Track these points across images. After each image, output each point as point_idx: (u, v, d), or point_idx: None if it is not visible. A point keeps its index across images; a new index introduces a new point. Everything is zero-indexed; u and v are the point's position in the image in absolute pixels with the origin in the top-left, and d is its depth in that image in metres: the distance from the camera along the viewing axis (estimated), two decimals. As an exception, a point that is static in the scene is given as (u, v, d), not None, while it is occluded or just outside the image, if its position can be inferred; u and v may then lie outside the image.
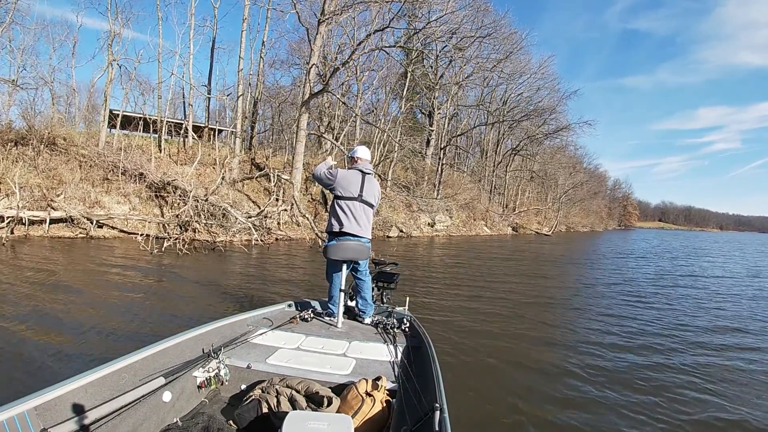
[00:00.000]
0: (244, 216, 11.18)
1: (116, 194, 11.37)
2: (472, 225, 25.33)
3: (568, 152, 41.18)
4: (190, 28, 16.44)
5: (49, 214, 9.59)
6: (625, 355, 3.83)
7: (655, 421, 2.63)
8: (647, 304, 6.26)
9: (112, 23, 14.18)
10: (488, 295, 6.48)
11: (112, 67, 14.03)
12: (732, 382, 3.34)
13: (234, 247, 9.90)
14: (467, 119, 30.58)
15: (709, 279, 9.82)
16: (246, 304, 4.74)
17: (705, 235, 65.02)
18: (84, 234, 9.84)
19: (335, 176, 2.87)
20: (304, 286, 6.24)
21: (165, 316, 4.23)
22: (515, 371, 3.36)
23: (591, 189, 51.33)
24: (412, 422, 1.50)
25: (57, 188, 10.48)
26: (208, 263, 7.83)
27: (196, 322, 2.85)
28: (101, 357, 2.83)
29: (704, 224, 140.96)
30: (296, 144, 14.50)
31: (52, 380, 1.48)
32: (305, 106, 14.26)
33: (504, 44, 25.69)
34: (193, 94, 16.80)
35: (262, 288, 5.92)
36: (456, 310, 5.33)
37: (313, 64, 14.12)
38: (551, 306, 6.03)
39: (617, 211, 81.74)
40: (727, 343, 4.38)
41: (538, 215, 37.23)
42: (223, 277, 6.62)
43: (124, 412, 1.49)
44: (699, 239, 41.82)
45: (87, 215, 9.95)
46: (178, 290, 5.48)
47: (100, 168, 11.67)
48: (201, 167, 14.16)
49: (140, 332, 3.63)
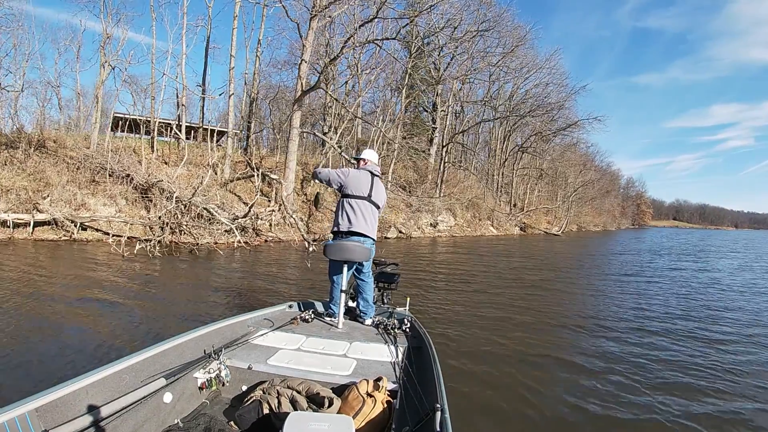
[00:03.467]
0: (227, 217, 11.18)
1: (102, 196, 11.49)
2: (477, 225, 25.34)
3: (578, 150, 41.24)
4: (182, 28, 16.57)
5: (33, 217, 9.72)
6: (629, 359, 3.88)
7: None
8: (667, 316, 5.71)
9: (105, 25, 14.41)
10: (489, 296, 6.57)
11: (105, 68, 14.24)
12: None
13: (217, 249, 9.70)
14: (474, 116, 30.65)
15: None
16: (197, 317, 4.42)
17: (721, 234, 64.89)
18: (68, 237, 9.95)
19: (347, 175, 2.99)
20: (274, 295, 5.69)
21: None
22: (516, 371, 3.44)
23: (603, 187, 51.36)
24: (413, 423, 1.56)
25: (43, 191, 10.60)
26: (181, 267, 7.72)
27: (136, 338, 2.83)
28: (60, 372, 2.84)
29: (719, 222, 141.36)
30: (289, 143, 14.54)
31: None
32: (298, 104, 14.32)
33: (508, 38, 25.81)
34: (185, 94, 16.92)
35: (219, 298, 5.53)
36: (456, 310, 5.42)
37: (302, 60, 14.19)
38: (553, 306, 6.10)
39: (630, 209, 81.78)
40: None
41: (548, 214, 37.22)
42: (187, 283, 6.41)
43: (125, 414, 1.55)
44: (715, 238, 41.68)
45: (71, 218, 10.06)
46: (133, 297, 5.19)
47: (88, 170, 11.80)
48: (194, 168, 14.26)
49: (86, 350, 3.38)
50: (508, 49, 25.73)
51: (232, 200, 13.83)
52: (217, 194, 13.18)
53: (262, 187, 14.00)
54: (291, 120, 14.64)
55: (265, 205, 13.63)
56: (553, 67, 30.67)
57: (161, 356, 1.91)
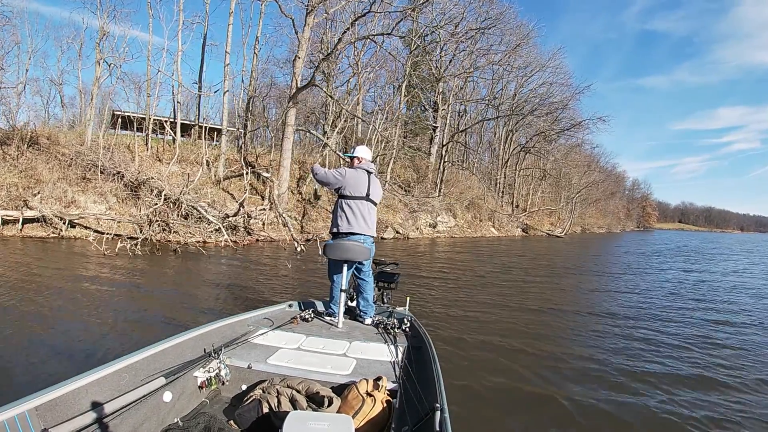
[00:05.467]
0: (215, 216, 11.18)
1: (93, 193, 11.53)
2: (477, 226, 25.41)
3: (583, 151, 41.44)
4: (178, 24, 16.58)
5: (22, 214, 9.79)
6: (633, 364, 3.92)
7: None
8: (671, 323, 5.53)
9: (101, 21, 14.49)
10: (489, 296, 6.64)
11: (100, 65, 14.33)
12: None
13: (201, 249, 9.54)
14: (476, 115, 30.73)
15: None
16: (169, 322, 4.23)
17: (727, 237, 65.06)
18: (56, 234, 9.99)
19: (344, 175, 3.00)
20: (246, 301, 5.36)
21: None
22: (517, 371, 3.50)
23: (608, 189, 51.56)
24: (412, 422, 1.60)
25: (34, 187, 10.64)
26: (160, 267, 7.63)
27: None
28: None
29: (725, 225, 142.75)
30: (283, 141, 14.55)
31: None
32: (293, 101, 14.34)
33: (511, 36, 25.91)
34: (181, 91, 16.92)
35: (190, 301, 5.27)
36: (456, 310, 5.48)
37: (297, 57, 14.21)
38: (554, 306, 6.15)
39: (636, 212, 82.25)
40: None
41: (552, 216, 37.34)
42: (163, 284, 6.27)
43: (125, 413, 1.58)
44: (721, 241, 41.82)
45: (59, 214, 10.11)
46: (104, 299, 5.03)
47: (79, 167, 11.84)
48: (188, 166, 14.29)
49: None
50: (510, 47, 25.83)
51: (225, 198, 13.86)
52: (209, 192, 13.21)
53: (257, 185, 14.02)
54: (285, 117, 14.65)
55: (258, 203, 13.65)
56: (557, 66, 30.85)
57: (161, 355, 1.94)
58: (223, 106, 16.75)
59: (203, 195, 12.45)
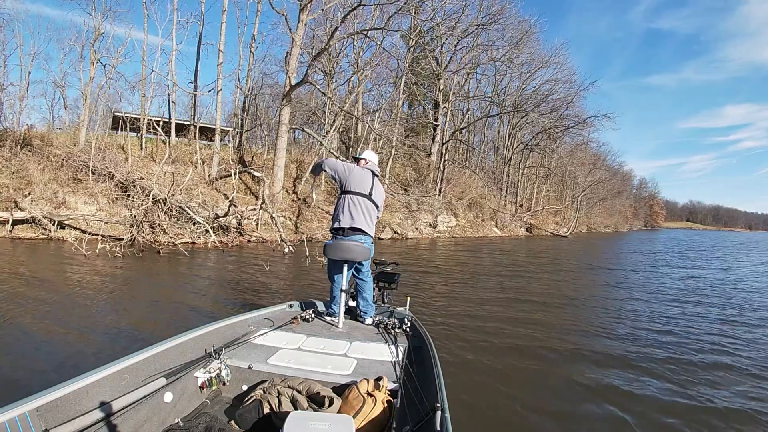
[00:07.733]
0: (204, 217, 11.21)
1: (83, 194, 11.59)
2: (480, 226, 25.40)
3: (589, 149, 41.51)
4: (172, 23, 16.66)
5: (11, 215, 9.84)
6: (636, 365, 3.94)
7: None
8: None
9: (96, 21, 14.60)
10: (489, 296, 6.70)
11: (95, 65, 14.44)
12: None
13: (182, 250, 9.44)
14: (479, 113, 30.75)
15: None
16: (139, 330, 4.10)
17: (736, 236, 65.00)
18: (45, 235, 10.05)
19: (351, 171, 3.07)
20: (224, 309, 5.20)
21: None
22: (517, 371, 3.55)
23: (614, 188, 51.61)
24: (413, 422, 1.64)
25: (25, 188, 10.70)
26: (143, 268, 7.61)
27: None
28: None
29: (733, 224, 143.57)
30: (278, 140, 14.58)
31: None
32: (286, 99, 14.37)
33: (513, 33, 25.95)
34: (175, 91, 17.01)
35: (164, 307, 5.12)
36: (457, 310, 5.53)
37: (289, 54, 14.25)
38: (557, 307, 6.20)
39: (643, 210, 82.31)
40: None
41: (557, 215, 37.35)
42: (140, 287, 6.20)
43: (126, 413, 1.62)
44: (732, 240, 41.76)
45: (48, 216, 10.17)
46: (78, 302, 4.97)
47: (71, 167, 11.90)
48: (182, 166, 14.33)
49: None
50: (512, 43, 25.87)
51: (218, 198, 13.89)
52: (201, 193, 13.23)
53: (251, 185, 14.04)
54: (280, 116, 14.68)
55: (253, 204, 13.68)
56: (561, 62, 30.88)
57: (162, 356, 1.98)
58: (218, 106, 16.82)
59: (195, 195, 12.47)
